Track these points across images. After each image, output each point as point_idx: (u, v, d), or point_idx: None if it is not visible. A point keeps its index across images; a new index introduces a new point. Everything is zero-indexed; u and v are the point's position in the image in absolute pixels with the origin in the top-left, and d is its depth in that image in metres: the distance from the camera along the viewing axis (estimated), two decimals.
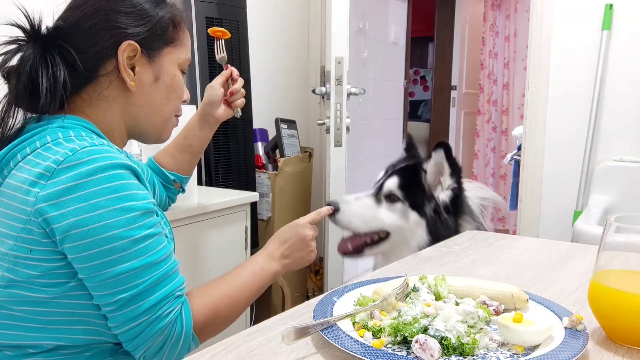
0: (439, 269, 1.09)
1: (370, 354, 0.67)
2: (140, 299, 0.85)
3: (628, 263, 0.75)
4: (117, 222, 0.83)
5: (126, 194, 0.85)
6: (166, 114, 1.04)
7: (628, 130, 2.37)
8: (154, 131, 1.04)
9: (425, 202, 1.45)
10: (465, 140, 5.02)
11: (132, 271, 0.84)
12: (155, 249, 0.87)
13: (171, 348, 0.87)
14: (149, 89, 0.99)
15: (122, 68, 0.95)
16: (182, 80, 1.05)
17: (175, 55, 1.01)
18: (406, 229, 1.44)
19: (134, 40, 0.95)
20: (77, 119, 0.93)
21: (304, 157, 2.76)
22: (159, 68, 0.99)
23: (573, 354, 0.68)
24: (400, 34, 3.86)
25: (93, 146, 0.86)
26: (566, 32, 2.46)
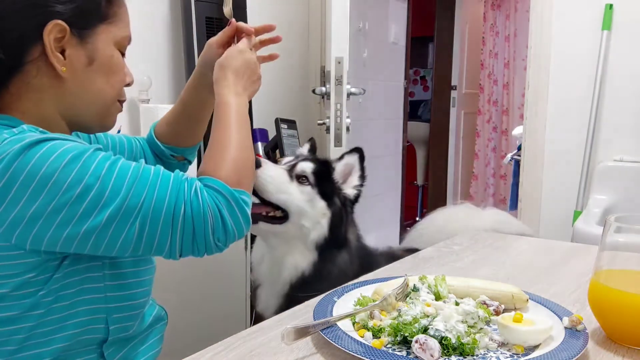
0: (439, 269, 1.09)
1: (370, 354, 0.67)
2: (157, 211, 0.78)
3: (628, 263, 0.75)
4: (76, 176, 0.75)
5: (62, 151, 0.76)
6: (107, 100, 0.92)
7: (628, 130, 2.37)
8: (95, 120, 0.93)
9: (334, 194, 1.42)
10: (465, 140, 5.02)
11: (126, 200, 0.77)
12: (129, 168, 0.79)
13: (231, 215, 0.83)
14: (83, 73, 0.87)
15: (50, 52, 0.83)
16: (123, 61, 0.94)
17: (111, 34, 0.90)
18: (310, 216, 1.37)
19: (62, 20, 0.83)
20: (3, 117, 0.84)
21: None
22: (93, 49, 0.87)
23: (573, 354, 0.68)
24: (400, 34, 3.86)
25: (13, 135, 0.77)
26: (566, 32, 2.46)
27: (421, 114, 5.85)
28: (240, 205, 0.84)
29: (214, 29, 2.29)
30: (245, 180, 0.89)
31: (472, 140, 5.02)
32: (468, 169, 5.07)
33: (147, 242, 0.79)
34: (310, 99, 3.05)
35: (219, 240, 0.83)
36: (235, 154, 0.91)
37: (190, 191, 0.81)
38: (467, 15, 4.87)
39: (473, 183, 5.03)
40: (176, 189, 0.81)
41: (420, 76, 6.09)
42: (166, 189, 0.80)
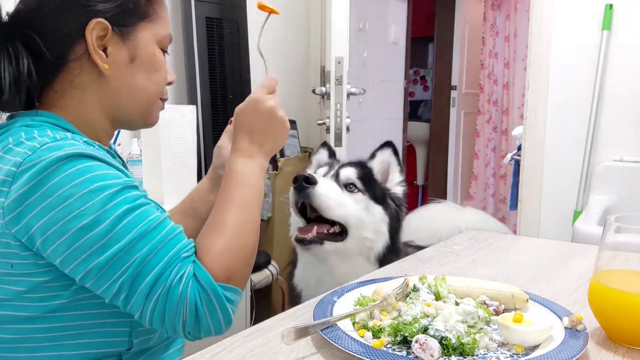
0: (439, 269, 1.09)
1: (370, 354, 0.67)
2: (143, 273, 0.75)
3: (628, 263, 0.75)
4: (90, 208, 0.74)
5: (91, 176, 0.76)
6: (150, 97, 0.92)
7: (628, 130, 2.37)
8: (138, 117, 0.93)
9: (385, 197, 1.33)
10: (465, 140, 5.02)
11: (123, 250, 0.75)
12: (143, 221, 0.77)
13: (209, 312, 0.77)
14: (125, 70, 0.88)
15: (92, 50, 0.84)
16: (164, 60, 0.93)
17: (152, 31, 0.89)
18: (370, 225, 1.28)
19: (104, 18, 0.84)
20: (47, 115, 0.85)
21: (304, 157, 2.76)
22: (135, 46, 0.88)
23: (573, 354, 0.68)
24: (400, 34, 3.86)
25: (54, 141, 0.78)
26: (566, 32, 2.46)
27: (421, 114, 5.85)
28: (222, 303, 0.78)
29: (214, 29, 2.30)
30: (237, 273, 0.81)
31: (472, 140, 5.02)
32: (468, 169, 5.06)
33: (124, 300, 0.77)
34: (310, 99, 3.05)
35: (190, 334, 0.78)
36: (230, 242, 0.82)
37: (177, 273, 0.76)
38: (467, 15, 4.87)
39: (473, 183, 5.03)
40: (168, 264, 0.76)
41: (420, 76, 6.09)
42: (161, 258, 0.76)
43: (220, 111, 2.33)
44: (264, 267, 2.35)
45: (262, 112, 0.92)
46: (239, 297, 0.81)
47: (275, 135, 0.94)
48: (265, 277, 2.32)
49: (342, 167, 1.34)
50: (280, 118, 0.94)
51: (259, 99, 0.93)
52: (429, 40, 5.37)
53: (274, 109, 0.93)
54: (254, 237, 0.86)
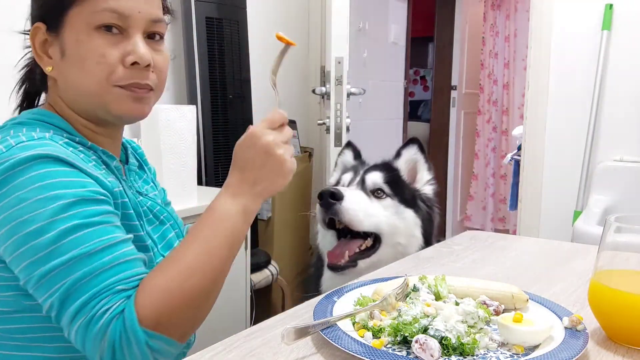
0: (439, 269, 1.09)
1: (370, 354, 0.67)
2: (73, 296, 0.71)
3: (628, 263, 0.75)
4: (42, 214, 0.72)
5: (51, 182, 0.73)
6: (91, 89, 0.83)
7: (628, 130, 2.37)
8: (97, 110, 0.86)
9: (415, 199, 1.27)
10: (465, 140, 5.02)
11: (61, 266, 0.71)
12: (90, 241, 0.73)
13: (129, 355, 0.71)
14: (61, 68, 0.85)
15: (35, 55, 0.87)
16: (98, 41, 0.82)
17: (83, 15, 0.81)
18: (402, 230, 1.23)
19: (40, 21, 0.85)
20: (41, 112, 0.87)
21: (304, 157, 2.76)
22: (63, 39, 0.83)
23: (573, 354, 0.68)
24: (400, 34, 3.86)
25: (30, 140, 0.77)
26: (566, 32, 2.46)
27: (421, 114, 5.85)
28: (143, 351, 0.71)
29: (214, 29, 2.30)
30: (169, 321, 0.73)
31: (472, 140, 5.02)
32: (468, 169, 5.06)
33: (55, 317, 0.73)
34: (310, 99, 3.05)
35: None
36: (172, 284, 0.73)
37: (103, 307, 0.71)
38: (467, 15, 4.87)
39: (473, 183, 5.03)
40: (97, 293, 0.72)
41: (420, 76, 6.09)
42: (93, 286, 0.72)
43: (220, 111, 2.33)
44: (264, 267, 2.35)
45: (258, 148, 0.82)
46: (169, 347, 0.73)
47: (271, 175, 0.83)
48: (265, 277, 2.32)
49: (367, 171, 1.28)
50: (279, 157, 0.82)
51: (256, 133, 0.84)
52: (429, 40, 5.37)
53: (272, 146, 0.82)
54: (208, 284, 0.77)
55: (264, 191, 0.83)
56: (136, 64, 0.83)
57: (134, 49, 0.83)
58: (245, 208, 0.81)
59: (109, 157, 0.89)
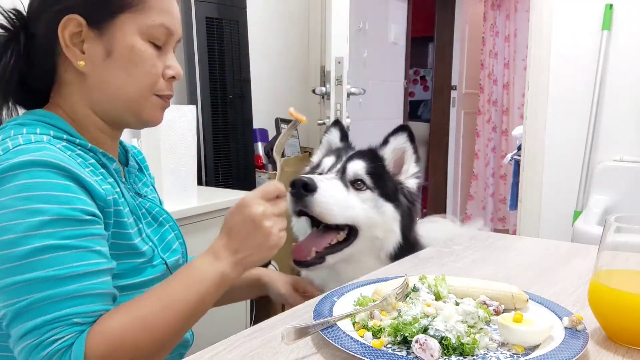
0: (439, 269, 1.09)
1: (370, 354, 0.67)
2: (27, 316, 0.70)
3: (628, 263, 0.75)
4: (18, 226, 0.71)
5: (36, 195, 0.72)
6: (132, 94, 0.86)
7: (628, 130, 2.37)
8: (129, 115, 0.88)
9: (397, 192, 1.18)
10: (465, 140, 5.02)
11: (24, 283, 0.70)
12: (62, 265, 0.71)
13: None
14: (102, 67, 0.84)
15: (64, 47, 0.83)
16: (150, 53, 0.86)
17: (137, 23, 0.83)
18: (380, 224, 1.15)
19: (78, 14, 0.82)
20: (43, 114, 0.85)
21: (304, 157, 2.77)
22: (111, 40, 0.83)
23: (573, 354, 0.68)
24: (400, 34, 3.86)
25: (28, 143, 0.76)
26: (566, 32, 2.46)
27: (421, 114, 5.85)
28: None
29: (214, 29, 2.30)
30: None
31: (472, 140, 5.03)
32: (468, 169, 5.07)
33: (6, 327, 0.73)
34: (310, 99, 3.05)
35: None
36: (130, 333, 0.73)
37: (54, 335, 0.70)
38: (467, 15, 4.87)
39: (473, 183, 5.03)
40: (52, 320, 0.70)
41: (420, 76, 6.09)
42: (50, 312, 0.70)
43: (220, 111, 2.33)
44: (264, 267, 2.35)
45: (246, 217, 0.82)
46: None
47: (255, 246, 0.82)
48: None
49: (350, 158, 1.21)
50: (265, 229, 0.81)
51: (246, 202, 0.83)
52: (429, 40, 5.38)
53: (261, 218, 0.81)
54: (163, 341, 0.76)
55: (244, 260, 0.82)
56: (173, 78, 0.89)
57: (173, 64, 0.89)
58: (222, 274, 0.81)
59: (108, 160, 0.88)
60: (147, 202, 0.96)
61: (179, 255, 0.98)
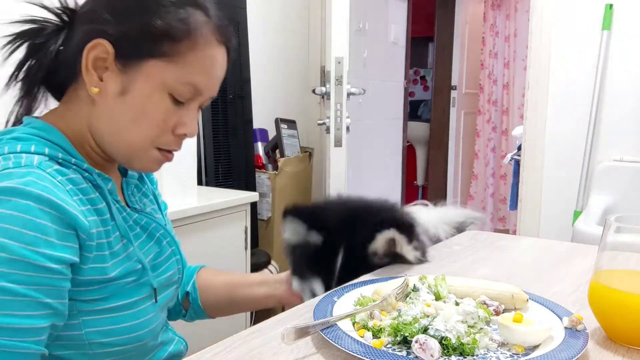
0: (439, 269, 1.09)
1: (370, 354, 0.67)
2: None
3: (628, 263, 0.75)
4: None
5: (6, 228, 0.68)
6: (131, 140, 0.82)
7: (628, 130, 2.37)
8: (121, 156, 0.85)
9: None
10: (465, 140, 5.02)
11: None
12: (7, 311, 0.67)
13: None
14: (113, 102, 0.81)
15: (84, 68, 0.80)
16: (166, 108, 0.82)
17: (164, 74, 0.80)
18: None
19: (109, 40, 0.79)
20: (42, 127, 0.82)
21: (304, 157, 2.77)
22: (131, 81, 0.80)
23: (573, 354, 0.68)
24: (400, 34, 3.86)
25: (17, 167, 0.73)
26: (566, 32, 2.46)
27: (421, 114, 5.85)
28: None
29: None
30: None
31: (472, 140, 5.03)
32: (468, 169, 5.07)
33: None
34: (310, 99, 3.05)
35: None
36: None
37: None
38: (467, 15, 4.87)
39: (473, 183, 5.03)
40: None
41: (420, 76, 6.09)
42: None
43: (220, 111, 2.33)
44: (264, 267, 2.35)
45: None
46: None
47: None
48: None
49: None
50: None
51: None
52: (429, 40, 5.38)
53: None
54: None
55: None
56: (184, 135, 0.85)
57: (189, 122, 0.85)
58: None
59: (104, 180, 0.84)
60: (143, 217, 0.91)
61: (174, 271, 0.95)
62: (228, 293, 1.13)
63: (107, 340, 0.82)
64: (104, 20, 0.80)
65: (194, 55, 0.81)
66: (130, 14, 0.80)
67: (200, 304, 1.11)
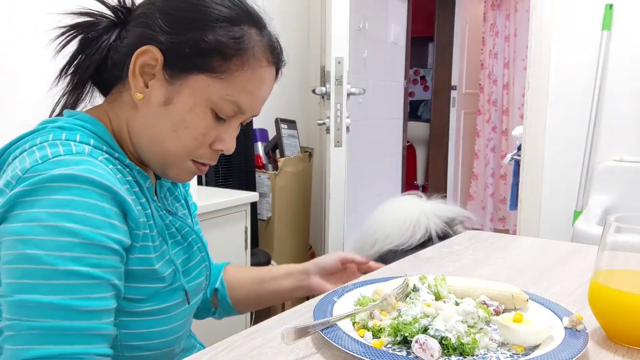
0: (439, 269, 1.09)
1: (370, 354, 0.67)
2: (32, 340, 0.67)
3: (628, 263, 0.75)
4: (46, 242, 0.67)
5: (70, 213, 0.69)
6: (168, 150, 0.83)
7: (628, 130, 2.37)
8: (155, 164, 0.86)
9: None
10: (465, 140, 5.02)
11: (40, 304, 0.67)
12: (81, 294, 0.68)
13: None
14: (155, 110, 0.81)
15: (131, 73, 0.80)
16: (207, 122, 0.82)
17: (209, 89, 0.79)
18: None
19: (159, 49, 0.79)
20: (86, 119, 0.82)
21: (304, 157, 2.77)
22: (176, 92, 0.80)
23: (573, 354, 0.68)
24: (400, 34, 3.86)
25: (68, 154, 0.73)
26: (566, 32, 2.46)
27: (421, 114, 5.85)
28: None
29: None
30: None
31: (472, 140, 5.03)
32: (468, 169, 5.07)
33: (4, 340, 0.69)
34: (310, 99, 3.05)
35: None
36: None
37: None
38: (467, 15, 4.87)
39: (473, 183, 5.03)
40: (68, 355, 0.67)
41: (420, 76, 6.09)
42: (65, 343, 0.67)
43: None
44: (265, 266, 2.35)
45: None
46: None
47: None
48: None
49: None
50: None
51: None
52: (429, 40, 5.38)
53: None
54: None
55: None
56: (221, 150, 0.86)
57: (228, 139, 0.85)
58: None
59: (142, 177, 0.84)
60: (177, 220, 0.91)
61: (202, 278, 0.95)
62: (256, 288, 1.13)
63: (140, 343, 0.82)
64: (158, 28, 0.79)
65: (242, 75, 0.81)
66: (184, 25, 0.79)
67: (229, 300, 1.11)
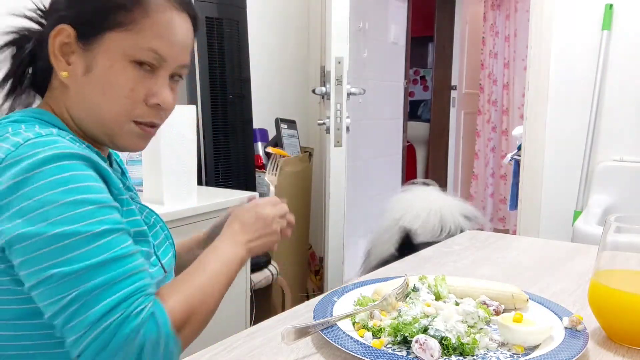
0: (439, 269, 1.09)
1: (370, 354, 0.67)
2: (104, 295, 0.70)
3: (628, 263, 0.75)
4: (70, 217, 0.71)
5: (78, 187, 0.73)
6: (107, 116, 0.83)
7: (628, 130, 2.37)
8: (102, 136, 0.86)
9: None
10: (465, 140, 5.02)
11: (89, 268, 0.70)
12: (118, 246, 0.74)
13: (151, 355, 0.72)
14: (82, 81, 0.83)
15: (52, 55, 0.83)
16: (132, 74, 0.83)
17: (123, 43, 0.81)
18: None
19: (69, 24, 0.82)
20: (37, 111, 0.85)
21: (304, 157, 2.77)
22: (93, 57, 0.82)
23: (573, 354, 0.68)
24: (400, 34, 3.86)
25: (39, 137, 0.74)
26: (566, 32, 2.46)
27: (421, 114, 5.85)
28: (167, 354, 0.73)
29: (214, 29, 2.30)
30: (189, 326, 0.78)
31: (472, 140, 5.03)
32: (468, 169, 5.07)
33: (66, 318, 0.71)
34: (310, 99, 3.05)
35: None
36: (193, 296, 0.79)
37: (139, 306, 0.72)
38: (467, 15, 4.87)
39: (473, 183, 5.03)
40: (130, 294, 0.72)
41: (420, 76, 6.09)
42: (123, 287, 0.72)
43: (220, 111, 2.33)
44: (264, 267, 2.35)
45: (259, 214, 0.96)
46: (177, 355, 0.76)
47: (264, 239, 0.96)
48: (265, 277, 2.32)
49: None
50: (274, 230, 0.97)
51: (259, 204, 0.98)
52: (429, 40, 5.38)
53: (271, 218, 0.97)
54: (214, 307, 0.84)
55: (255, 248, 0.95)
56: (158, 105, 0.86)
57: (159, 91, 0.85)
58: (241, 258, 0.91)
59: (102, 158, 0.86)
60: (137, 202, 0.95)
61: (170, 255, 0.97)
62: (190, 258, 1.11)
63: None
64: (62, 6, 0.84)
65: (148, 21, 0.82)
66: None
67: None
